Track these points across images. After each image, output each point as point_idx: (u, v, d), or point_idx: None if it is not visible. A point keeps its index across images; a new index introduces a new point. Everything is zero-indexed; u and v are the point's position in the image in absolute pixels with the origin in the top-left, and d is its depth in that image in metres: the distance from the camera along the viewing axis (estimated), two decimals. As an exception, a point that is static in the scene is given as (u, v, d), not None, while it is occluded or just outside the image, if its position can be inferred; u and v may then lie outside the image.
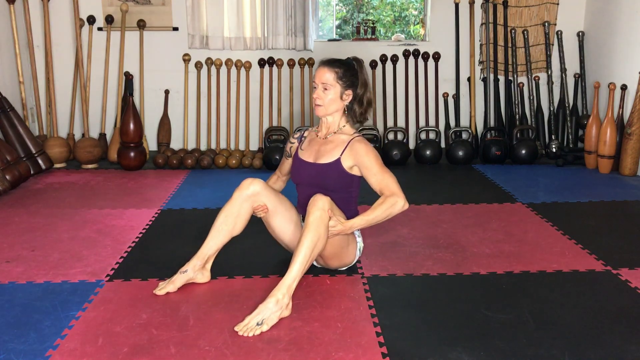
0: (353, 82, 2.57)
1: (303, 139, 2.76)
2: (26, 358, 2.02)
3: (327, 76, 2.53)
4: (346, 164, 2.57)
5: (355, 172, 2.59)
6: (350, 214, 2.59)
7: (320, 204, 2.35)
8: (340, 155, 2.57)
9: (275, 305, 2.24)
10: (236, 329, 2.20)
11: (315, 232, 2.32)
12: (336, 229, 2.44)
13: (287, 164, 2.86)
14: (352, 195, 2.66)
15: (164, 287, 2.51)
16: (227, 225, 2.58)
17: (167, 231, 3.32)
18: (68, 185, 4.32)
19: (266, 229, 2.79)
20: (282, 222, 2.66)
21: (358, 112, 2.62)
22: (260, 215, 2.67)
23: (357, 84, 2.58)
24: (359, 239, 2.74)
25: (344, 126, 2.65)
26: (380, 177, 2.52)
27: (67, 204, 3.81)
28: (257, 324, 2.19)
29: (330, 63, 2.56)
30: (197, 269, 2.57)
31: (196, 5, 5.25)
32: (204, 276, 2.60)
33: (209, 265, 2.62)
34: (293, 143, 2.78)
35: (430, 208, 3.73)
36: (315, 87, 2.59)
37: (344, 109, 2.62)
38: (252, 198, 2.59)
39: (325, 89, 2.55)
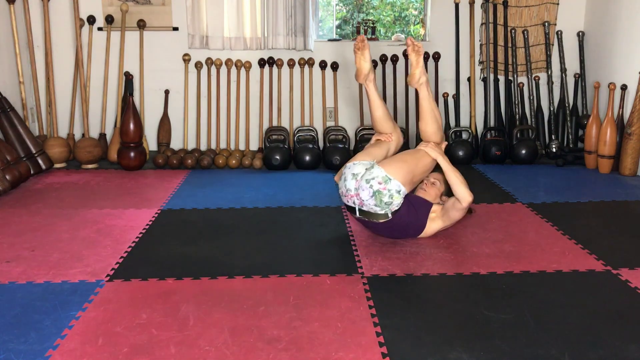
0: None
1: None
2: (26, 358, 2.02)
3: (439, 177, 3.23)
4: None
5: (432, 219, 3.12)
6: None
7: (441, 147, 3.17)
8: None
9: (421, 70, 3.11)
10: (409, 42, 3.08)
11: (440, 126, 3.20)
12: (433, 148, 3.09)
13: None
14: (420, 214, 3.10)
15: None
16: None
17: (167, 231, 3.32)
18: (68, 185, 4.32)
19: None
20: (383, 151, 3.18)
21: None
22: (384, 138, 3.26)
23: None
24: (402, 196, 2.96)
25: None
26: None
27: (67, 204, 3.81)
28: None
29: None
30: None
31: (196, 5, 5.25)
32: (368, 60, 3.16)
33: (371, 75, 3.19)
34: None
35: (430, 208, 3.73)
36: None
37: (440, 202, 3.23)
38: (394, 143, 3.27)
39: (434, 183, 3.23)
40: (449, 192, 3.17)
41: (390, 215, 2.96)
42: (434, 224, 3.09)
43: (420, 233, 3.10)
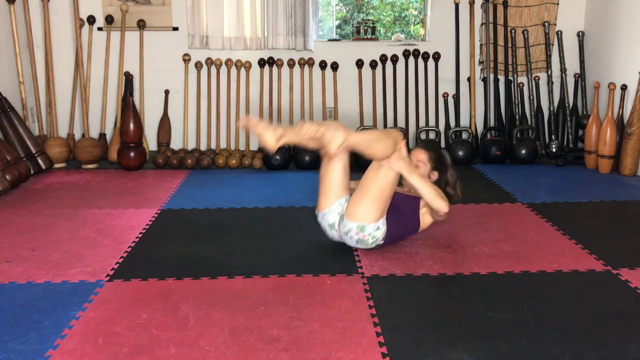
0: (440, 167, 3.11)
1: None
2: (26, 358, 2.02)
3: (422, 156, 3.08)
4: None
5: (423, 214, 3.03)
6: (398, 227, 2.97)
7: (403, 155, 2.84)
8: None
9: (335, 126, 2.68)
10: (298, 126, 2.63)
11: (383, 138, 2.77)
12: (395, 161, 2.80)
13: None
14: (409, 214, 3.01)
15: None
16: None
17: (167, 231, 3.32)
18: (68, 185, 4.32)
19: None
20: (338, 168, 2.94)
21: (450, 189, 3.13)
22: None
23: (443, 170, 3.12)
24: (381, 228, 2.86)
25: None
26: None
27: (67, 204, 3.81)
28: (317, 127, 2.60)
29: (427, 147, 3.15)
30: (283, 130, 2.74)
31: (196, 5, 5.25)
32: (274, 134, 2.72)
33: (282, 141, 2.73)
34: None
35: (430, 208, 3.73)
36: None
37: None
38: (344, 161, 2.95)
39: (418, 165, 3.03)
40: (436, 166, 3.09)
41: (381, 241, 2.92)
42: (427, 217, 3.05)
43: (417, 231, 3.09)
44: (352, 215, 2.85)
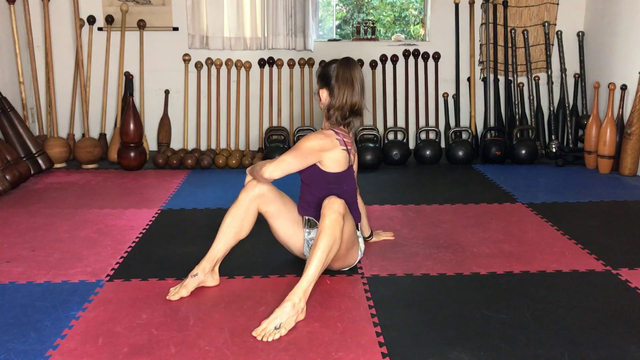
0: (327, 80, 2.56)
1: None
2: (26, 358, 2.02)
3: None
4: None
5: (326, 168, 2.58)
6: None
7: (336, 207, 2.35)
8: None
9: (292, 309, 2.22)
10: (254, 334, 2.16)
11: (331, 235, 2.31)
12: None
13: None
14: (333, 191, 2.55)
15: (177, 292, 2.48)
16: (234, 228, 2.58)
17: (167, 231, 3.32)
18: (68, 185, 4.32)
19: (268, 230, 2.79)
20: (285, 223, 2.68)
21: (333, 113, 2.56)
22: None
23: (331, 83, 2.54)
24: (360, 240, 2.75)
25: (329, 128, 2.62)
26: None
27: (67, 204, 3.81)
28: (275, 328, 2.17)
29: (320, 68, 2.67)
30: (207, 272, 2.55)
31: (196, 5, 5.25)
32: (214, 279, 2.59)
33: (217, 268, 2.60)
34: None
35: (430, 208, 3.73)
36: None
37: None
38: (259, 199, 2.61)
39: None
40: (322, 83, 2.60)
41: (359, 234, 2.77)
42: (325, 164, 2.59)
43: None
44: (336, 268, 2.67)
